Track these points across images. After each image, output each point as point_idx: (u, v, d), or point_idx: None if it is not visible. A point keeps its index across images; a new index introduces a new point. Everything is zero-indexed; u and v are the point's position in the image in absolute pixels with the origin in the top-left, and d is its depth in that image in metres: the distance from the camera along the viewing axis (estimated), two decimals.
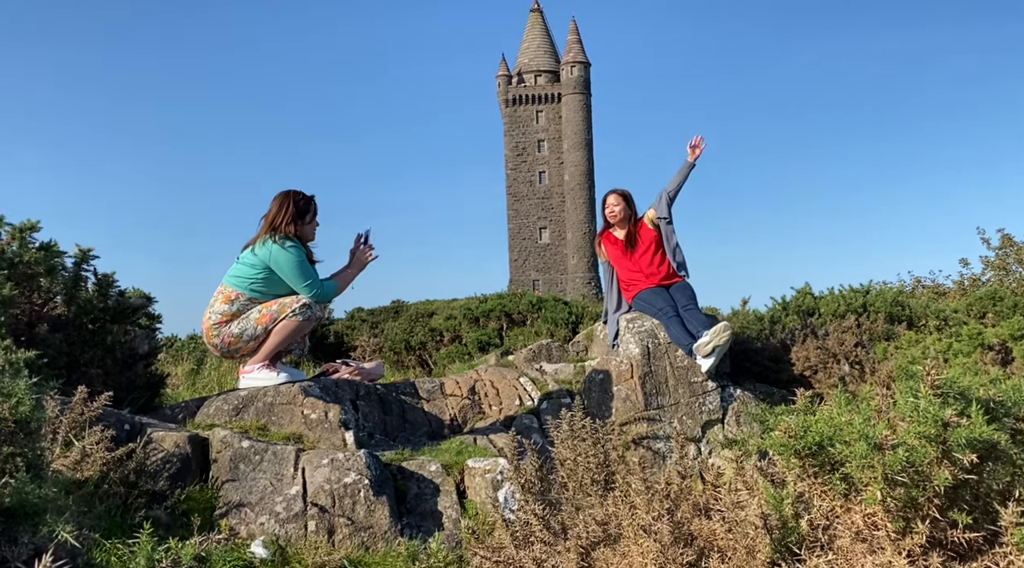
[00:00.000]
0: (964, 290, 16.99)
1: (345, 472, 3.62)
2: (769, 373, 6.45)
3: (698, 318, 5.73)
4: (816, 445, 1.60)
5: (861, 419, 1.57)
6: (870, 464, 1.51)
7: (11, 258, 4.44)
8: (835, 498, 1.63)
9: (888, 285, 16.65)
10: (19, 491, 1.58)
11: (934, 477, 1.48)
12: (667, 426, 5.64)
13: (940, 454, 1.47)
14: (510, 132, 79.38)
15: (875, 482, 1.52)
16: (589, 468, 2.66)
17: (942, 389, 1.56)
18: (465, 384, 6.11)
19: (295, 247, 4.56)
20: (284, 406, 4.47)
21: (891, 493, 1.51)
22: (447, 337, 10.54)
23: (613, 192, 6.35)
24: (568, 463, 2.90)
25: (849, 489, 1.62)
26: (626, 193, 6.34)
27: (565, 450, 3.01)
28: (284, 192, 4.69)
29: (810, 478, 1.66)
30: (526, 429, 5.51)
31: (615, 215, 6.23)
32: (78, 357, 4.68)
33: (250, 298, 4.61)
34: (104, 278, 5.03)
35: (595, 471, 2.63)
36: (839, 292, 8.23)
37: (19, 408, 1.78)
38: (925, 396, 1.54)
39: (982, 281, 17.32)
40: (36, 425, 1.88)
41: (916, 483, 1.50)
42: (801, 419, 1.67)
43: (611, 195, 6.33)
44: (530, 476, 2.76)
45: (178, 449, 3.71)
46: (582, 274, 76.78)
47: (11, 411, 1.77)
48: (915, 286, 18.54)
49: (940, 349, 5.60)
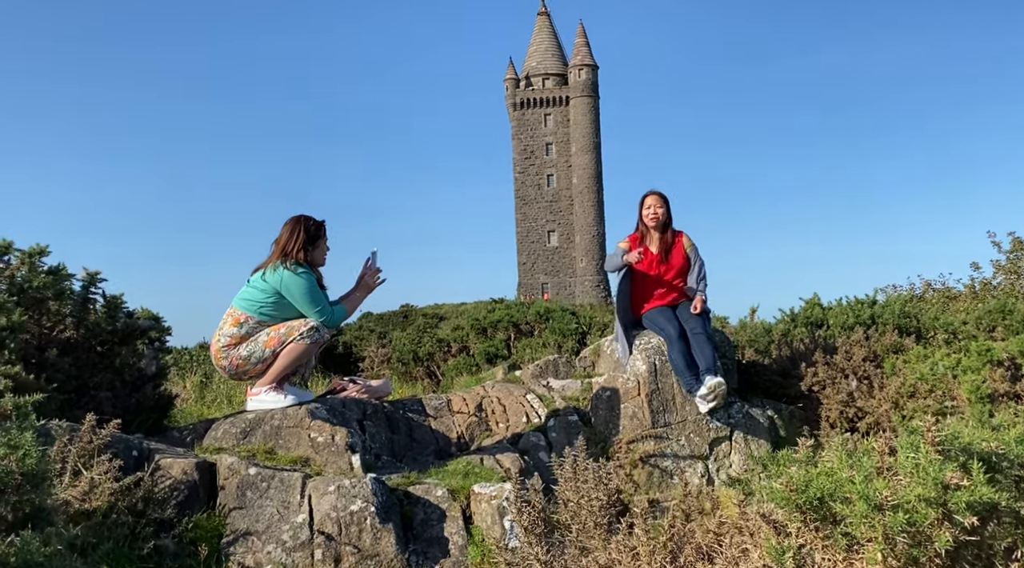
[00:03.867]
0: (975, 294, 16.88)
1: (351, 499, 3.63)
2: (777, 388, 6.43)
3: (704, 350, 5.48)
4: (817, 500, 1.60)
5: (861, 477, 1.57)
6: (871, 523, 1.50)
7: (21, 283, 4.48)
8: (837, 552, 1.63)
9: (898, 289, 16.56)
10: (24, 551, 1.60)
11: (935, 538, 1.47)
12: (674, 444, 5.63)
13: (941, 516, 1.47)
14: (518, 135, 79.43)
15: (876, 541, 1.51)
16: (592, 511, 2.66)
17: (943, 446, 1.56)
18: (472, 401, 6.12)
19: (306, 273, 4.60)
20: (291, 429, 4.49)
21: (892, 552, 1.50)
22: (455, 348, 10.55)
23: (653, 193, 5.86)
24: (571, 505, 2.90)
25: (851, 544, 1.61)
26: (665, 196, 5.89)
27: (569, 491, 3.01)
28: (295, 218, 4.72)
29: (812, 532, 1.65)
30: (533, 447, 5.51)
31: (656, 217, 5.77)
32: (87, 380, 4.72)
33: (259, 321, 4.64)
34: (112, 300, 5.07)
35: (598, 514, 2.62)
36: (847, 303, 8.18)
37: (26, 460, 1.80)
38: (926, 454, 1.54)
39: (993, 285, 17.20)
40: (43, 477, 1.90)
41: (917, 542, 1.50)
42: (803, 472, 1.67)
43: (651, 196, 5.85)
44: (533, 518, 2.76)
45: (186, 476, 3.73)
46: (591, 277, 76.69)
47: (18, 464, 1.79)
48: (925, 289, 18.43)
49: (949, 365, 5.56)
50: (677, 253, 5.92)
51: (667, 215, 5.87)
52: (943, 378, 5.53)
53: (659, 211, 5.80)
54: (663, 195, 5.90)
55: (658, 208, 5.81)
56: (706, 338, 5.53)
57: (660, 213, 5.80)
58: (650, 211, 5.82)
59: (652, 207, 5.82)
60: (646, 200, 5.87)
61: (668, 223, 5.92)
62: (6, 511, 1.86)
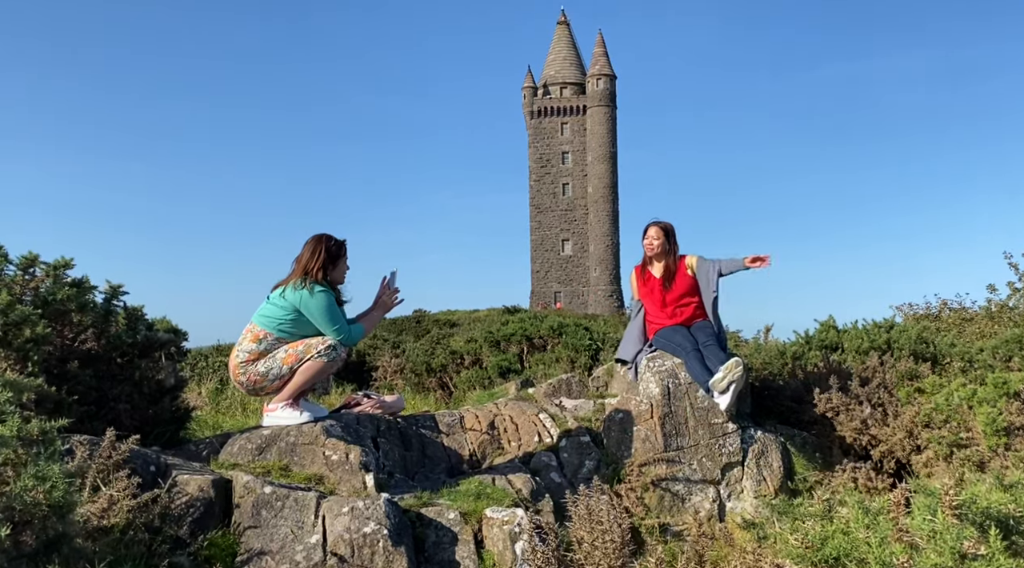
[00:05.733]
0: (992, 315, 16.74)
1: (365, 521, 3.66)
2: (791, 413, 6.41)
3: (717, 354, 5.66)
4: (833, 559, 1.61)
5: (877, 540, 1.57)
6: None
7: (45, 295, 4.55)
8: None
9: (914, 307, 16.44)
10: None
11: None
12: (686, 468, 5.62)
13: None
14: (534, 144, 79.60)
15: None
16: (607, 553, 2.67)
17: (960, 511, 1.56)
18: (485, 418, 6.14)
19: (325, 292, 4.66)
20: (306, 446, 4.53)
21: None
22: (468, 360, 10.58)
23: (655, 224, 6.14)
24: (585, 545, 2.91)
25: None
26: (668, 227, 6.13)
27: (582, 530, 3.03)
28: (316, 237, 4.79)
29: None
30: (544, 467, 5.52)
31: (653, 248, 6.06)
32: (107, 392, 4.78)
33: (278, 338, 4.69)
34: (133, 312, 5.14)
35: (612, 557, 2.64)
36: (863, 326, 8.14)
37: (53, 493, 1.84)
38: (943, 520, 1.54)
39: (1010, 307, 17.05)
40: (69, 508, 1.94)
41: None
42: (819, 528, 1.68)
43: (652, 227, 6.13)
44: (547, 557, 2.77)
45: (202, 493, 3.77)
46: (604, 286, 76.59)
47: (45, 496, 1.84)
48: (941, 308, 18.29)
49: (964, 396, 5.53)
50: (680, 276, 6.10)
51: (666, 244, 6.10)
52: (958, 409, 5.50)
53: (655, 242, 6.08)
54: (665, 227, 6.14)
55: (655, 240, 6.09)
56: (716, 346, 5.72)
57: (656, 244, 6.08)
58: (648, 242, 6.12)
59: (650, 238, 6.11)
60: (648, 231, 6.16)
61: (670, 251, 6.14)
62: (31, 539, 1.90)
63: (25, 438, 2.10)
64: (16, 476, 2.16)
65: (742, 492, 5.68)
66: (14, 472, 2.15)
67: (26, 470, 1.88)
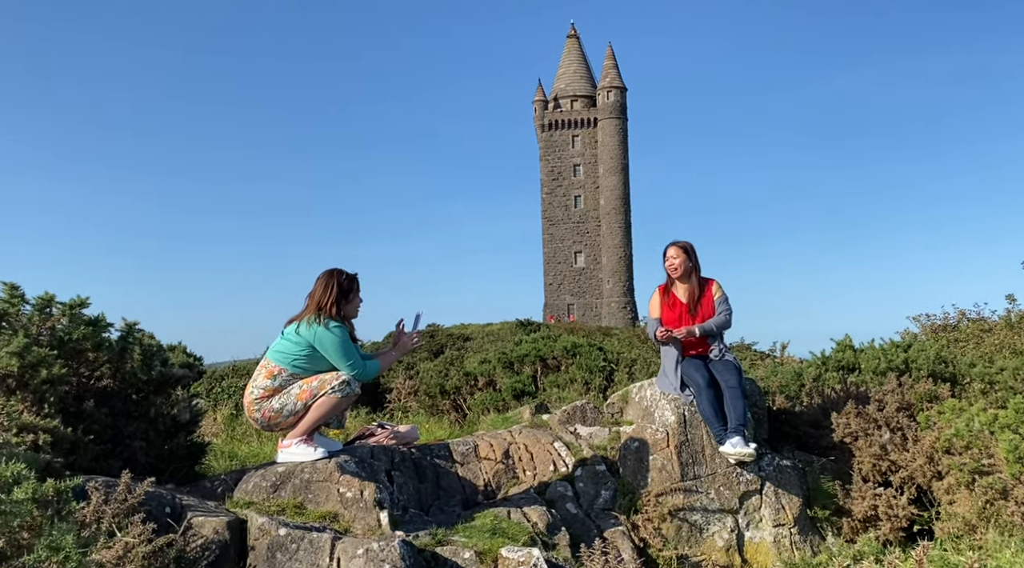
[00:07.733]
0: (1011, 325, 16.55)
1: (380, 564, 3.64)
2: (809, 438, 6.34)
3: (737, 405, 5.50)
4: None
5: None
6: None
7: (61, 335, 4.58)
8: None
9: (932, 318, 16.27)
10: None
11: None
12: (704, 497, 5.57)
13: None
14: (546, 157, 79.72)
15: None
16: None
17: None
18: (499, 447, 6.11)
19: (339, 327, 4.67)
20: (321, 483, 4.52)
21: None
22: (481, 382, 10.56)
23: (674, 244, 5.91)
24: None
25: None
26: (687, 245, 5.92)
27: None
28: (328, 272, 4.79)
29: None
30: (560, 497, 5.49)
31: (676, 268, 5.84)
32: (122, 429, 4.80)
33: (292, 373, 4.70)
34: (148, 348, 5.16)
35: None
36: (880, 346, 8.04)
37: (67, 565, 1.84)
38: None
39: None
40: None
41: None
42: None
43: (671, 248, 5.90)
44: None
45: (217, 536, 3.77)
46: (617, 299, 76.41)
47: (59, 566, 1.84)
48: (960, 318, 18.11)
49: (985, 421, 5.45)
50: (707, 302, 5.93)
51: (687, 263, 5.89)
52: (980, 434, 5.42)
53: (676, 262, 5.87)
54: (684, 246, 5.92)
55: (675, 260, 5.88)
56: (740, 393, 5.54)
57: (678, 263, 5.86)
58: (669, 263, 5.91)
59: (671, 259, 5.90)
60: (667, 252, 5.94)
61: (693, 271, 5.94)
62: None
63: (40, 500, 2.10)
64: (32, 537, 2.16)
65: (760, 521, 5.62)
66: (30, 534, 2.15)
67: (40, 542, 1.88)
